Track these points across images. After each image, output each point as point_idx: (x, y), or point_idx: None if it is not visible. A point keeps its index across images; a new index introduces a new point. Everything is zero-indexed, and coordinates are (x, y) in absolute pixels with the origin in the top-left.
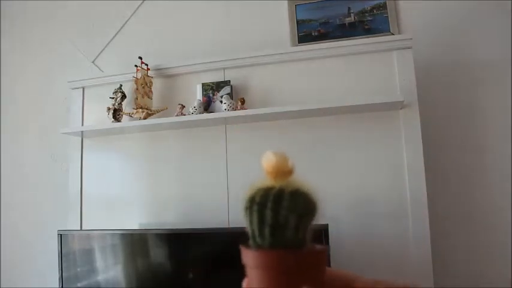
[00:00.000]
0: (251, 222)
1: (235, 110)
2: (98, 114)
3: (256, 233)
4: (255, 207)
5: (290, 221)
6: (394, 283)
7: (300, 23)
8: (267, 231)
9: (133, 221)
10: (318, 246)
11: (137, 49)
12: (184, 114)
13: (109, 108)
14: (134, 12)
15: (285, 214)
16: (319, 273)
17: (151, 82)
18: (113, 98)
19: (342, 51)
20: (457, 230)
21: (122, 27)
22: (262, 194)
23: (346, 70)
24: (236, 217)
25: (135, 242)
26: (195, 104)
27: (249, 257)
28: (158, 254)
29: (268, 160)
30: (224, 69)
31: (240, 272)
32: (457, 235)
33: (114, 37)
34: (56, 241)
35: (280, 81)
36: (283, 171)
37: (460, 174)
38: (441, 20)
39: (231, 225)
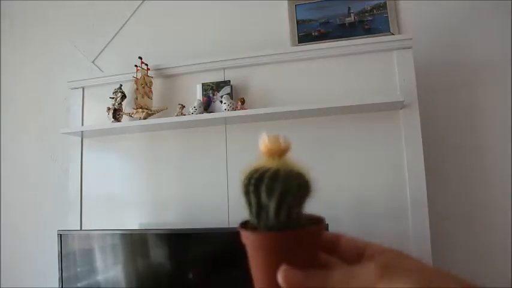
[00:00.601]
0: (245, 202)
1: (235, 110)
2: (98, 114)
3: (248, 212)
4: (243, 190)
5: (270, 203)
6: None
7: (300, 23)
8: (253, 212)
9: (134, 221)
10: (309, 227)
11: (137, 49)
12: (184, 114)
13: (109, 108)
14: (134, 12)
15: (264, 196)
16: (310, 252)
17: (151, 82)
18: (113, 98)
19: (342, 51)
20: (457, 230)
21: (122, 27)
22: (246, 176)
23: (346, 70)
24: (236, 217)
25: (135, 242)
26: (195, 104)
27: (242, 236)
28: (158, 254)
29: (262, 141)
30: (224, 69)
31: (240, 271)
32: (457, 235)
33: (114, 37)
34: (56, 241)
35: (280, 81)
36: (276, 150)
37: (460, 174)
38: (441, 20)
39: (231, 225)
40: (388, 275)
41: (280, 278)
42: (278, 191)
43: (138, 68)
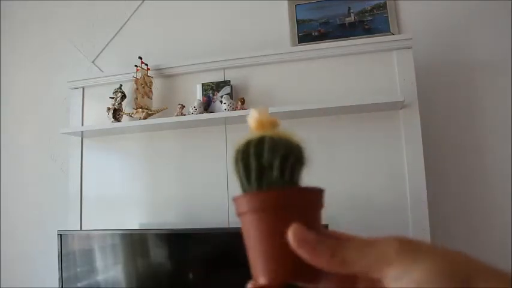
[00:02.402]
0: (238, 172)
1: (235, 110)
2: (98, 114)
3: (244, 181)
4: (239, 156)
5: (274, 162)
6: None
7: (300, 23)
8: (253, 175)
9: (134, 221)
10: (311, 186)
11: (137, 49)
12: (184, 114)
13: (109, 108)
14: (134, 12)
15: (267, 156)
16: (314, 214)
17: (151, 82)
18: (112, 98)
19: (342, 51)
20: (457, 230)
21: (122, 27)
22: (244, 143)
23: (346, 70)
24: (236, 217)
25: (135, 242)
26: (195, 104)
27: (238, 203)
28: (158, 254)
29: (251, 116)
30: (224, 69)
31: (239, 272)
32: (457, 235)
33: (114, 37)
34: (56, 241)
35: (280, 81)
36: (266, 122)
37: (460, 174)
38: (441, 20)
39: (231, 225)
40: (408, 253)
41: (291, 235)
42: (282, 149)
43: (138, 68)
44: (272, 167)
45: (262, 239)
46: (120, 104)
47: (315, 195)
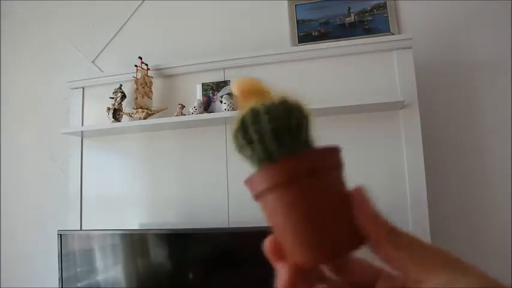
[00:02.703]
0: (261, 139)
1: (235, 110)
2: (97, 114)
3: (273, 147)
4: (265, 118)
5: (303, 122)
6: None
7: (300, 23)
8: (286, 137)
9: (134, 221)
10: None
11: (137, 49)
12: (184, 114)
13: (109, 108)
14: (134, 12)
15: (298, 115)
16: (343, 181)
17: (151, 82)
18: (112, 98)
19: (342, 51)
20: (457, 230)
21: (122, 27)
22: (263, 105)
23: (346, 70)
24: (236, 217)
25: (135, 242)
26: (195, 104)
27: (260, 178)
28: (158, 254)
29: (239, 83)
30: (224, 69)
31: (239, 272)
32: (457, 235)
33: (114, 37)
34: (56, 241)
35: (280, 81)
36: (261, 90)
37: (460, 174)
38: (441, 20)
39: (231, 225)
40: (457, 264)
41: (358, 194)
42: (298, 109)
43: (138, 68)
44: (301, 127)
45: (301, 211)
46: (120, 104)
47: (340, 157)
